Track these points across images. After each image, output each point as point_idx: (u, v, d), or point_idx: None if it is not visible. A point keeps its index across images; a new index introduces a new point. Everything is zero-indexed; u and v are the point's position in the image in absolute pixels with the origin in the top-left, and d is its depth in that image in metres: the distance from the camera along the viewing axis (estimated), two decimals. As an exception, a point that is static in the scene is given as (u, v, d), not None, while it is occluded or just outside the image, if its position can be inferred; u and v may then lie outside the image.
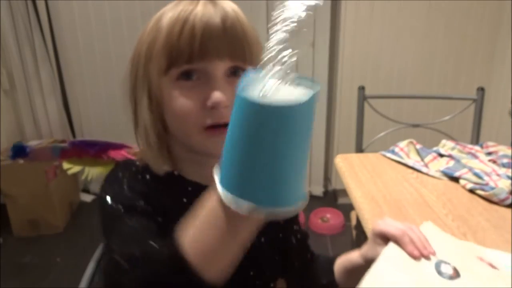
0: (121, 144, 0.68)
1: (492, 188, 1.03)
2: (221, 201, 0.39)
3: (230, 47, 0.56)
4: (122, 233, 0.54)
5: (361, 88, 1.68)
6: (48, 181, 2.31)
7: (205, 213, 0.42)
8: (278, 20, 0.37)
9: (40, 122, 2.64)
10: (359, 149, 1.71)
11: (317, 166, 2.78)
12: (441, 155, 1.27)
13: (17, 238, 2.36)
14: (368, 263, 0.69)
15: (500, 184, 1.05)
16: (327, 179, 2.85)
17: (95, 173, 0.68)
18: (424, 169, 1.20)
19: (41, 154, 0.74)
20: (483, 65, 2.45)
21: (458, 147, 1.29)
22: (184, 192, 0.64)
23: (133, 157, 0.67)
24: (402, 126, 1.70)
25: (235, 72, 0.59)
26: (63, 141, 2.57)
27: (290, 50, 0.36)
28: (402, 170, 1.22)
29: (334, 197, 2.78)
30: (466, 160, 1.21)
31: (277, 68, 0.36)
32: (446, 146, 1.31)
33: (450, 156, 1.24)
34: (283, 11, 0.38)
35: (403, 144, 1.32)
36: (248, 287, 0.70)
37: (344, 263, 0.79)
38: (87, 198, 2.72)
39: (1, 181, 2.23)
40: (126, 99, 0.64)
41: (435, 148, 1.31)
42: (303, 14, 0.37)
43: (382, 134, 1.69)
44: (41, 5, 2.41)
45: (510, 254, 0.70)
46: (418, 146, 1.30)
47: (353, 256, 0.76)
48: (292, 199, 0.38)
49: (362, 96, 1.68)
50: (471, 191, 1.07)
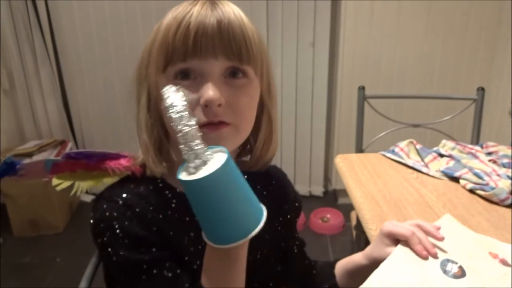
0: (117, 154, 0.66)
1: (492, 188, 1.03)
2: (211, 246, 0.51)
3: (225, 46, 0.56)
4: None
5: (361, 88, 1.68)
6: (48, 181, 2.31)
7: (208, 260, 0.55)
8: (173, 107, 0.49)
9: (40, 122, 2.64)
10: (359, 149, 1.71)
11: (317, 166, 2.78)
12: (441, 155, 1.27)
13: (17, 238, 2.36)
14: (372, 263, 0.70)
15: (500, 184, 1.05)
16: (327, 179, 2.85)
17: (85, 186, 0.67)
18: (424, 169, 1.20)
19: (32, 170, 0.71)
20: (483, 65, 2.44)
21: (458, 147, 1.29)
22: (176, 204, 0.64)
23: (128, 168, 0.65)
24: (402, 126, 1.70)
25: (234, 73, 0.58)
26: (62, 142, 2.58)
27: (196, 140, 0.48)
28: (402, 170, 1.22)
29: (334, 197, 2.78)
30: (466, 160, 1.21)
31: (191, 153, 0.48)
32: (446, 146, 1.31)
33: (450, 156, 1.24)
34: (168, 97, 0.49)
35: (403, 144, 1.32)
36: None
37: (346, 266, 0.79)
38: (87, 198, 2.72)
39: (1, 181, 2.23)
40: (132, 102, 0.64)
41: (435, 148, 1.31)
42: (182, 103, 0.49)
43: (382, 134, 1.69)
44: (41, 5, 2.41)
45: None
46: (418, 146, 1.30)
47: (356, 258, 0.76)
48: (249, 226, 0.49)
49: (362, 96, 1.68)
50: (471, 191, 1.07)
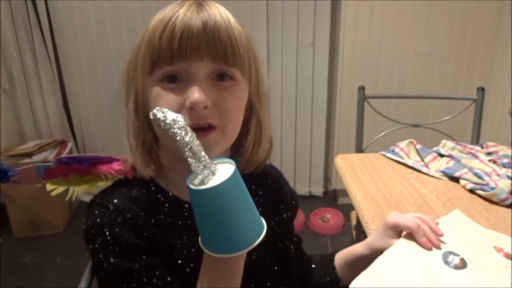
0: (109, 158, 0.66)
1: (493, 188, 1.02)
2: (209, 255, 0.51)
3: (210, 48, 0.55)
4: None
5: (361, 88, 1.68)
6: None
7: (206, 269, 0.55)
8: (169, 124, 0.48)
9: (40, 122, 2.64)
10: (359, 149, 1.71)
11: (317, 166, 2.78)
12: (441, 155, 1.27)
13: (17, 238, 2.36)
14: (373, 253, 0.71)
15: (500, 184, 1.05)
16: (327, 179, 2.85)
17: (80, 191, 0.67)
18: (424, 169, 1.20)
19: (25, 176, 0.71)
20: (483, 65, 2.44)
21: (458, 147, 1.29)
22: (169, 208, 0.64)
23: (120, 171, 0.65)
24: (402, 126, 1.70)
25: (221, 76, 0.58)
26: (62, 142, 2.58)
27: (200, 150, 0.49)
28: (402, 170, 1.22)
29: (334, 197, 2.78)
30: (466, 160, 1.21)
31: (199, 164, 0.49)
32: (446, 146, 1.31)
33: (450, 156, 1.24)
34: (165, 115, 0.49)
35: (403, 144, 1.32)
36: None
37: (345, 257, 0.80)
38: (87, 198, 2.69)
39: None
40: (121, 102, 0.64)
41: (435, 148, 1.31)
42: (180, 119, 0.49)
43: (382, 134, 1.69)
44: (41, 5, 2.41)
45: None
46: (418, 146, 1.30)
47: (356, 248, 0.77)
48: (250, 238, 0.49)
49: (362, 96, 1.68)
50: (471, 191, 1.07)
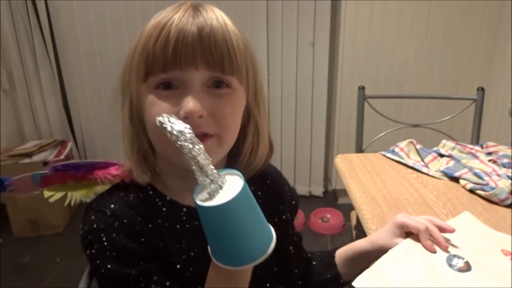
0: (106, 162, 0.66)
1: (493, 188, 1.03)
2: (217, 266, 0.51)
3: (205, 55, 0.54)
4: None
5: (361, 88, 1.68)
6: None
7: (214, 278, 0.56)
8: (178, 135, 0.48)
9: (40, 122, 2.64)
10: (359, 149, 1.71)
11: (317, 166, 2.78)
12: (441, 155, 1.27)
13: (17, 238, 2.36)
14: (377, 250, 0.71)
15: (500, 184, 1.05)
16: (327, 179, 2.85)
17: (78, 196, 0.67)
18: (424, 169, 1.20)
19: (21, 185, 0.71)
20: (483, 65, 2.44)
21: (458, 147, 1.29)
22: (166, 212, 0.63)
23: (117, 176, 0.65)
24: (402, 126, 1.70)
25: (217, 84, 0.56)
26: (62, 142, 2.58)
27: (207, 162, 0.49)
28: (402, 170, 1.22)
29: (334, 197, 2.78)
30: (466, 160, 1.21)
31: (205, 178, 0.49)
32: (446, 146, 1.31)
33: (450, 156, 1.24)
34: (172, 125, 0.49)
35: (403, 144, 1.32)
36: None
37: (346, 253, 0.80)
38: (87, 198, 2.72)
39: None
40: (118, 105, 0.63)
41: (435, 148, 1.31)
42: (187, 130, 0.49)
43: (382, 134, 1.69)
44: (41, 5, 2.41)
45: None
46: (418, 146, 1.30)
47: (359, 244, 0.77)
48: (260, 250, 0.50)
49: (362, 96, 1.68)
50: (471, 191, 1.07)
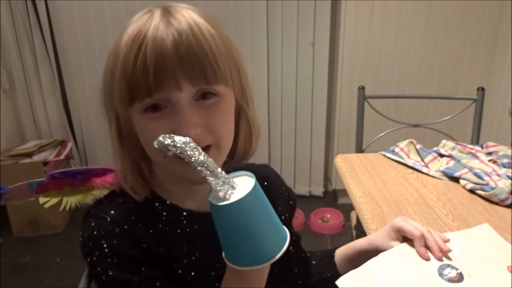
0: (103, 169, 0.66)
1: (493, 188, 1.03)
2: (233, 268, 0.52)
3: (187, 74, 0.52)
4: None
5: (361, 88, 1.68)
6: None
7: (230, 282, 0.57)
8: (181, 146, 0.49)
9: (40, 122, 2.64)
10: (359, 149, 1.71)
11: (317, 166, 2.78)
12: (441, 155, 1.27)
13: (17, 238, 2.36)
14: (373, 250, 0.71)
15: (500, 184, 1.05)
16: (327, 179, 2.85)
17: (74, 200, 0.66)
18: (424, 169, 1.20)
19: (17, 193, 0.70)
20: (483, 65, 2.44)
21: (458, 147, 1.29)
22: (167, 216, 0.63)
23: (115, 183, 0.64)
24: (402, 126, 1.70)
25: (204, 95, 0.55)
26: (62, 142, 2.58)
27: (215, 167, 0.50)
28: (402, 170, 1.22)
29: (334, 197, 2.78)
30: (466, 160, 1.21)
31: (218, 180, 0.50)
32: (446, 146, 1.31)
33: (450, 156, 1.24)
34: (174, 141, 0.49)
35: (403, 144, 1.32)
36: None
37: (346, 252, 0.80)
38: (87, 198, 2.72)
39: (1, 181, 2.23)
40: (99, 117, 0.61)
41: (435, 148, 1.31)
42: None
43: (382, 134, 1.69)
44: (41, 5, 2.41)
45: None
46: (418, 146, 1.30)
47: (358, 243, 0.77)
48: (276, 248, 0.52)
49: (362, 96, 1.68)
50: (471, 191, 1.07)
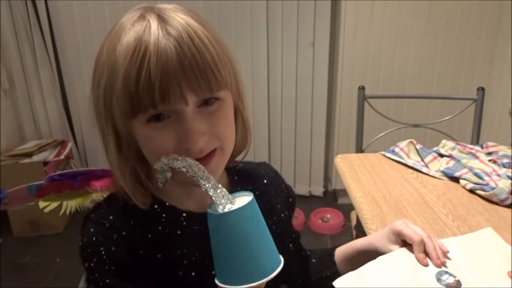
0: (103, 170, 0.65)
1: (493, 188, 1.02)
2: None
3: (192, 87, 0.52)
4: None
5: (361, 88, 1.68)
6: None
7: None
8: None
9: (39, 122, 2.64)
10: (359, 149, 1.71)
11: (317, 166, 2.78)
12: (441, 155, 1.27)
13: (17, 238, 2.36)
14: (372, 251, 0.71)
15: (500, 184, 1.05)
16: (327, 179, 2.85)
17: (74, 204, 0.66)
18: (424, 169, 1.20)
19: (17, 197, 0.70)
20: (483, 65, 2.44)
21: (458, 147, 1.29)
22: (166, 218, 0.63)
23: (114, 186, 0.64)
24: (402, 126, 1.70)
25: (207, 101, 0.55)
26: (62, 142, 2.58)
27: (215, 184, 0.52)
28: (402, 170, 1.22)
29: (334, 197, 2.78)
30: (466, 160, 1.21)
31: (218, 193, 0.52)
32: (446, 146, 1.31)
33: (450, 156, 1.24)
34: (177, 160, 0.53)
35: (403, 144, 1.32)
36: None
37: (345, 251, 0.79)
38: (87, 198, 2.72)
39: (1, 181, 2.23)
40: (93, 119, 0.60)
41: (435, 148, 1.31)
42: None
43: (382, 134, 1.69)
44: (40, 5, 2.41)
45: None
46: (418, 146, 1.30)
47: (358, 243, 0.77)
48: (268, 269, 0.51)
49: (362, 96, 1.68)
50: (471, 191, 1.07)
